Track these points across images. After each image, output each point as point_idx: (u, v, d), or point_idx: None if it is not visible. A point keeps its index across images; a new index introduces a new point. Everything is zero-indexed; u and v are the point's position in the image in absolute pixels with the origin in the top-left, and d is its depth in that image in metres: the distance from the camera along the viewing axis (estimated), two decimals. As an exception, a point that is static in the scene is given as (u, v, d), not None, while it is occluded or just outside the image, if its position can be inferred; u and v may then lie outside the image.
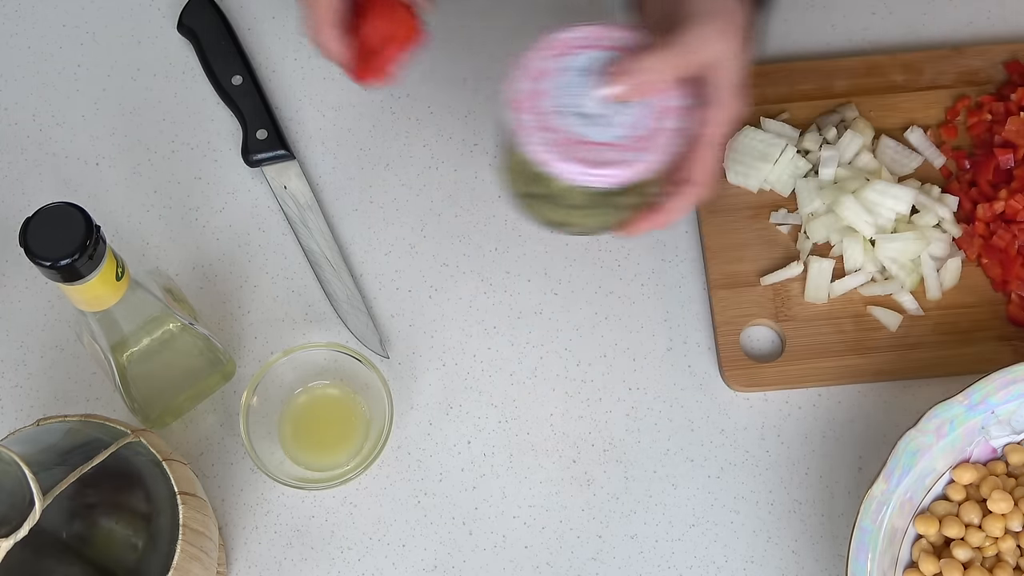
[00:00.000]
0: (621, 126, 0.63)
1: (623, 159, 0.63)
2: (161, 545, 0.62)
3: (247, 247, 0.84)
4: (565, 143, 0.63)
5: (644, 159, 0.63)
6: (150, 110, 0.88)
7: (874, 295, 0.82)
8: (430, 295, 0.83)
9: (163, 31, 0.90)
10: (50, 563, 0.58)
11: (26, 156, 0.87)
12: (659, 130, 0.64)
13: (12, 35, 0.90)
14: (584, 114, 0.64)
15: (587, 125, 0.64)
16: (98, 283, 0.61)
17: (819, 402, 0.80)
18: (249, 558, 0.77)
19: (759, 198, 0.84)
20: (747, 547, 0.77)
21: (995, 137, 0.84)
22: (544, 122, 0.63)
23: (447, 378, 0.81)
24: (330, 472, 0.76)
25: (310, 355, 0.77)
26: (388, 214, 0.85)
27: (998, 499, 0.72)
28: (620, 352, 0.82)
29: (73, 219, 0.59)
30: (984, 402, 0.73)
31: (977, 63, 0.88)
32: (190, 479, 0.67)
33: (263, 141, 0.85)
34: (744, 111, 0.66)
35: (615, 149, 0.63)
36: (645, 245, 0.84)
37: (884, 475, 0.72)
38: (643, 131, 0.63)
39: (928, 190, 0.83)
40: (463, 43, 0.90)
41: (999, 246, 0.81)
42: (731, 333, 0.81)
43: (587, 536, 0.77)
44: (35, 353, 0.81)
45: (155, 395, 0.75)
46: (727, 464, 0.79)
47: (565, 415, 0.80)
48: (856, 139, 0.83)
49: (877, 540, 0.71)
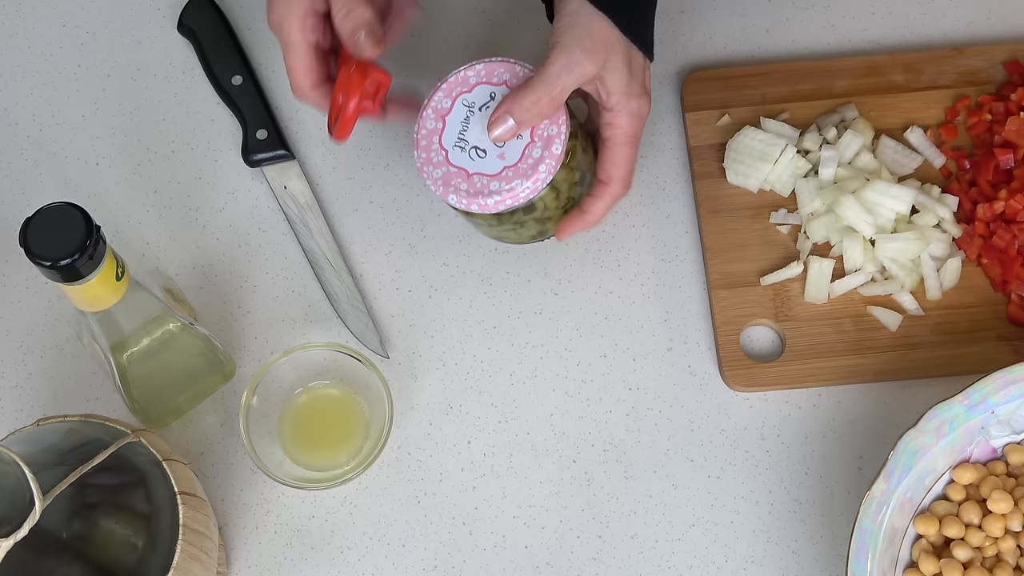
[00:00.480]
0: (510, 156, 0.73)
1: (506, 188, 0.72)
2: (161, 545, 0.62)
3: (247, 247, 0.84)
4: (447, 176, 0.73)
5: (526, 186, 0.72)
6: (150, 110, 0.88)
7: (874, 295, 0.82)
8: (430, 295, 0.83)
9: (163, 31, 0.90)
10: (50, 563, 0.58)
11: (26, 156, 0.87)
12: (544, 156, 0.72)
13: (12, 35, 0.90)
14: (478, 148, 0.73)
15: (479, 159, 0.73)
16: (98, 283, 0.61)
17: (819, 402, 0.80)
18: (249, 558, 0.77)
19: (759, 198, 0.84)
20: (747, 547, 0.77)
21: (995, 137, 0.84)
22: (435, 158, 0.73)
23: (447, 378, 0.81)
24: (330, 472, 0.76)
25: (310, 355, 0.77)
26: (388, 214, 0.85)
27: (998, 499, 0.72)
28: (620, 352, 0.82)
29: (73, 219, 0.59)
30: (984, 402, 0.73)
31: (977, 63, 0.88)
32: (190, 479, 0.67)
33: (263, 141, 0.85)
34: (646, 108, 0.74)
35: (498, 179, 0.72)
36: (645, 245, 0.84)
37: (884, 475, 0.72)
38: (529, 160, 0.72)
39: (928, 190, 0.83)
40: (463, 43, 0.90)
41: (999, 246, 0.81)
42: (731, 333, 0.81)
43: (587, 536, 0.77)
44: (35, 353, 0.81)
45: (155, 395, 0.75)
46: (727, 464, 0.79)
47: (565, 415, 0.80)
48: (856, 139, 0.83)
49: (877, 540, 0.71)
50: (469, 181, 0.73)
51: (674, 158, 0.86)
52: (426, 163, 0.73)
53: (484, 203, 0.73)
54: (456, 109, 0.74)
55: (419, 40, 0.90)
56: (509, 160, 0.72)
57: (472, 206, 0.73)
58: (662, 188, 0.86)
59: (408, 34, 0.77)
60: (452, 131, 0.73)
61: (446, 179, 0.73)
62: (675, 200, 0.85)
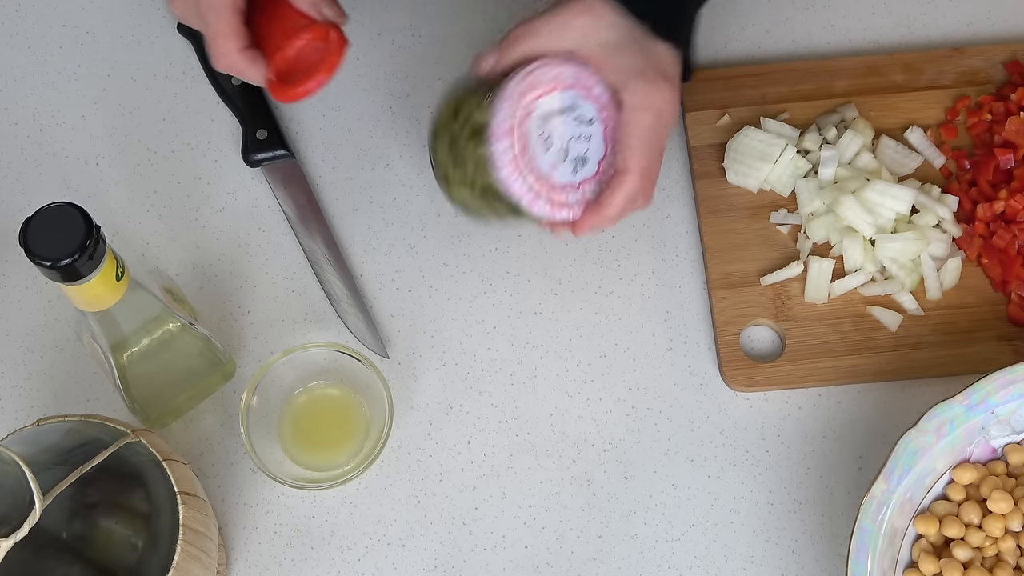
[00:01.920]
0: (573, 174, 0.72)
1: (572, 202, 0.72)
2: (161, 545, 0.62)
3: (247, 247, 0.84)
4: (537, 180, 0.71)
5: (578, 207, 0.72)
6: (150, 110, 0.88)
7: (874, 295, 0.82)
8: (430, 295, 0.83)
9: (163, 31, 0.90)
10: (50, 563, 0.58)
11: (26, 156, 0.87)
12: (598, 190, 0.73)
13: (12, 35, 0.90)
14: (547, 156, 0.71)
15: (550, 166, 0.71)
16: (98, 283, 0.61)
17: (819, 402, 0.80)
18: (249, 558, 0.77)
19: (759, 198, 0.84)
20: (747, 547, 0.77)
21: (995, 137, 0.84)
22: (519, 158, 0.71)
23: (447, 378, 0.81)
24: (330, 472, 0.76)
25: (310, 355, 0.77)
26: (388, 214, 0.85)
27: (998, 499, 0.72)
28: (620, 352, 0.82)
29: (73, 219, 0.59)
30: (984, 402, 0.73)
31: (977, 63, 0.88)
32: (190, 479, 0.67)
33: (263, 141, 0.85)
34: (667, 92, 0.71)
35: (568, 191, 0.72)
36: (645, 245, 0.84)
37: (884, 475, 0.72)
38: (598, 180, 0.73)
39: (928, 190, 0.83)
40: (464, 43, 0.90)
41: (999, 246, 0.81)
42: (731, 333, 0.81)
43: (587, 536, 0.77)
44: (35, 353, 0.81)
45: (155, 395, 0.75)
46: (727, 464, 0.79)
47: (565, 415, 0.80)
48: (856, 139, 0.83)
49: (877, 540, 0.71)
50: (550, 187, 0.71)
51: (674, 158, 0.86)
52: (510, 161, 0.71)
53: (559, 214, 0.72)
54: (535, 112, 0.71)
55: (417, 41, 0.90)
56: (576, 179, 0.72)
57: (548, 215, 0.72)
58: (662, 188, 0.86)
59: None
60: (532, 135, 0.71)
61: (536, 185, 0.71)
62: (675, 200, 0.85)
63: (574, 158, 0.72)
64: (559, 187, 0.71)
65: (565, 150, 0.72)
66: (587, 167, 0.72)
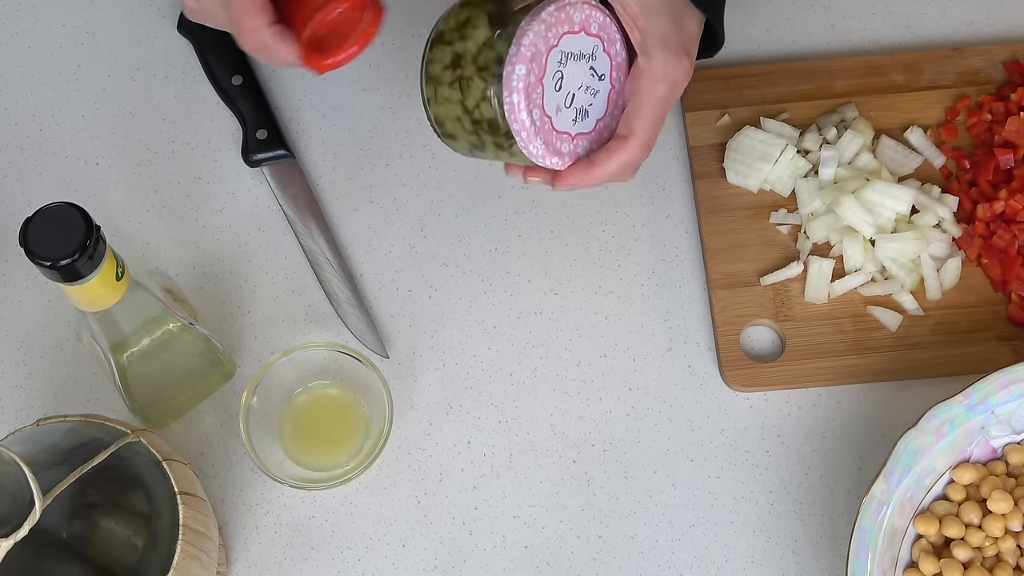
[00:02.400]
0: (572, 124, 0.70)
1: (565, 151, 0.70)
2: (161, 545, 0.62)
3: (247, 247, 0.84)
4: (541, 117, 0.68)
5: (568, 158, 0.70)
6: (150, 110, 0.88)
7: (874, 295, 0.82)
8: (430, 295, 0.83)
9: (163, 31, 0.90)
10: (50, 563, 0.58)
11: (26, 156, 0.87)
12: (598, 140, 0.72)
13: (12, 35, 0.90)
14: (554, 96, 0.69)
15: (554, 108, 0.69)
16: (98, 283, 0.61)
17: (819, 402, 0.80)
18: (249, 558, 0.77)
19: (759, 198, 0.84)
20: (747, 547, 0.77)
21: (995, 137, 0.84)
22: (532, 87, 0.67)
23: (447, 378, 0.81)
24: (330, 472, 0.76)
25: (310, 355, 0.77)
26: (388, 214, 0.85)
27: (998, 499, 0.72)
28: (620, 352, 0.82)
29: (73, 219, 0.59)
30: (984, 402, 0.73)
31: (977, 63, 0.88)
32: (190, 479, 0.67)
33: (263, 141, 0.85)
34: (686, 65, 0.71)
35: (564, 139, 0.70)
36: (645, 245, 0.84)
37: (884, 475, 0.72)
38: (591, 139, 0.72)
39: (928, 190, 0.83)
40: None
41: (999, 246, 0.81)
42: (731, 333, 0.81)
43: (587, 536, 0.77)
44: (35, 353, 0.81)
45: (155, 395, 0.75)
46: (727, 464, 0.79)
47: (565, 415, 0.80)
48: (856, 139, 0.83)
49: (877, 540, 0.71)
50: (551, 132, 0.69)
51: (674, 158, 0.87)
52: (522, 105, 0.67)
53: (554, 162, 0.70)
54: (549, 57, 0.68)
55: (417, 41, 0.90)
56: (578, 129, 0.70)
57: (545, 161, 0.70)
58: (662, 188, 0.86)
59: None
60: (546, 81, 0.68)
61: (539, 128, 0.68)
62: (675, 200, 0.85)
63: (577, 108, 0.70)
64: (557, 132, 0.69)
65: (572, 96, 0.69)
66: (585, 122, 0.70)
